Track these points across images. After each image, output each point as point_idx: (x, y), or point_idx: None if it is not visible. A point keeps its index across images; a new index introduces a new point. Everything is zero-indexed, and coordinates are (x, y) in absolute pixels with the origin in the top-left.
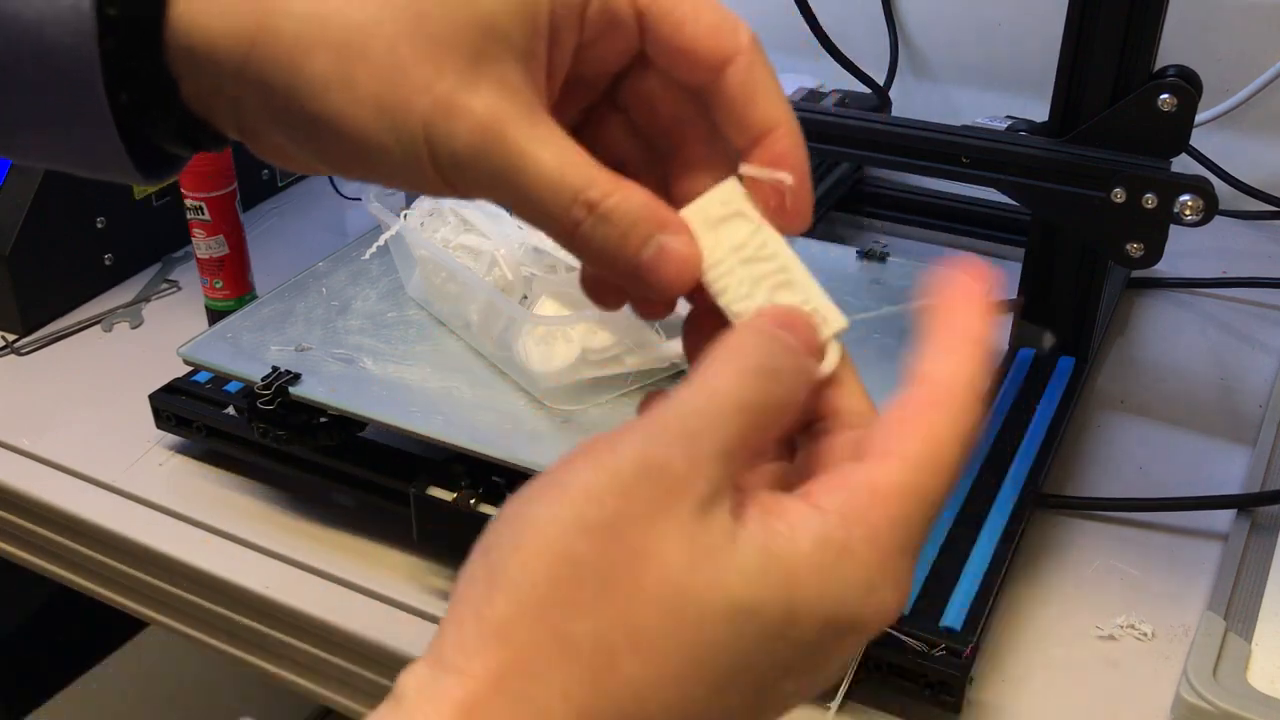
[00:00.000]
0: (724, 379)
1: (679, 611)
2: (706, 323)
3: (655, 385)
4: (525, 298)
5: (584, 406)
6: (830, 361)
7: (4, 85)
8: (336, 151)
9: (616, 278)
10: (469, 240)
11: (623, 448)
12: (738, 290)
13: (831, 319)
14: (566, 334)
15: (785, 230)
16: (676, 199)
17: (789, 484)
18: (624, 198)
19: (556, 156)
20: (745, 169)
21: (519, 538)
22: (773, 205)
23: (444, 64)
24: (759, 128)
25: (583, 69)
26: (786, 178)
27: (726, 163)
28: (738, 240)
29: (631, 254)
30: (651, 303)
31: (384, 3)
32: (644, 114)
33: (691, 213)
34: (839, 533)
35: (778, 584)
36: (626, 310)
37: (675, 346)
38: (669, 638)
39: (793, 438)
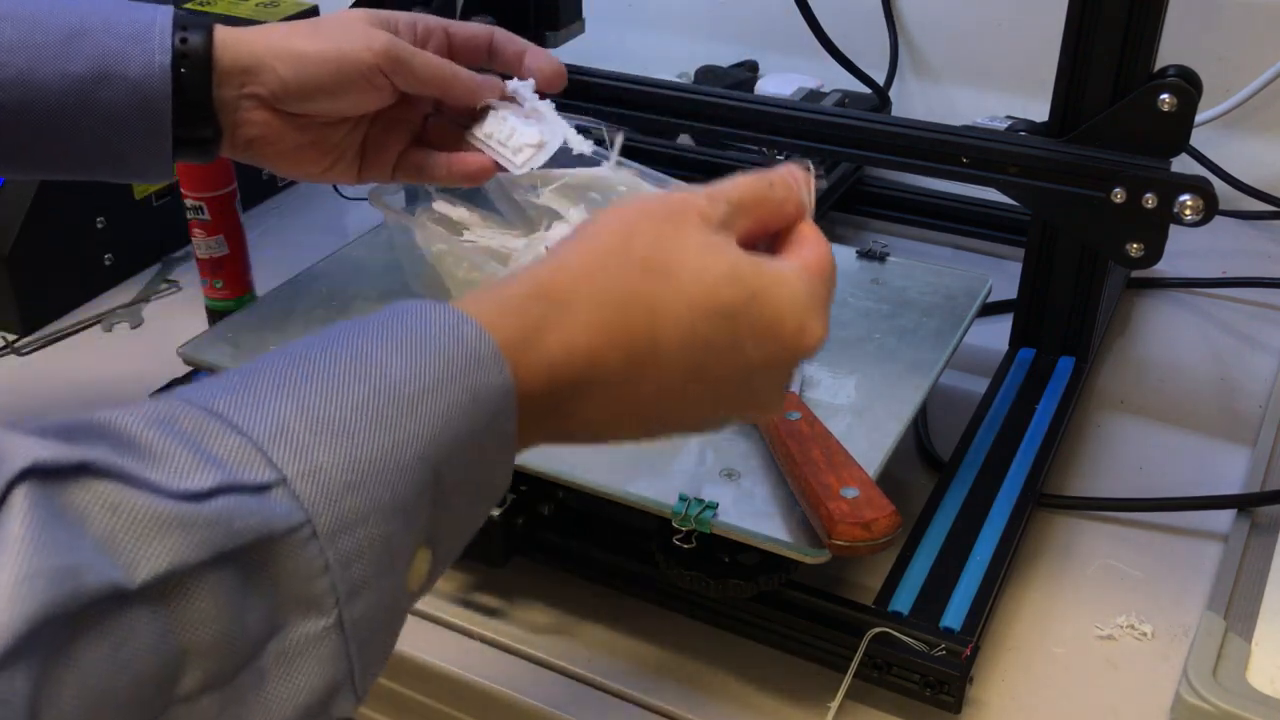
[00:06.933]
0: (735, 181)
1: (688, 263)
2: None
3: None
4: None
5: None
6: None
7: (105, 118)
8: (311, 88)
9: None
10: (491, 240)
11: (668, 195)
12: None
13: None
14: None
15: (550, 83)
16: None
17: None
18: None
19: (424, 54)
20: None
21: (579, 234)
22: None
23: (358, 24)
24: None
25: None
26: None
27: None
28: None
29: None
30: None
31: (322, 18)
32: None
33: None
34: (789, 268)
35: (754, 273)
36: None
37: None
38: (683, 271)
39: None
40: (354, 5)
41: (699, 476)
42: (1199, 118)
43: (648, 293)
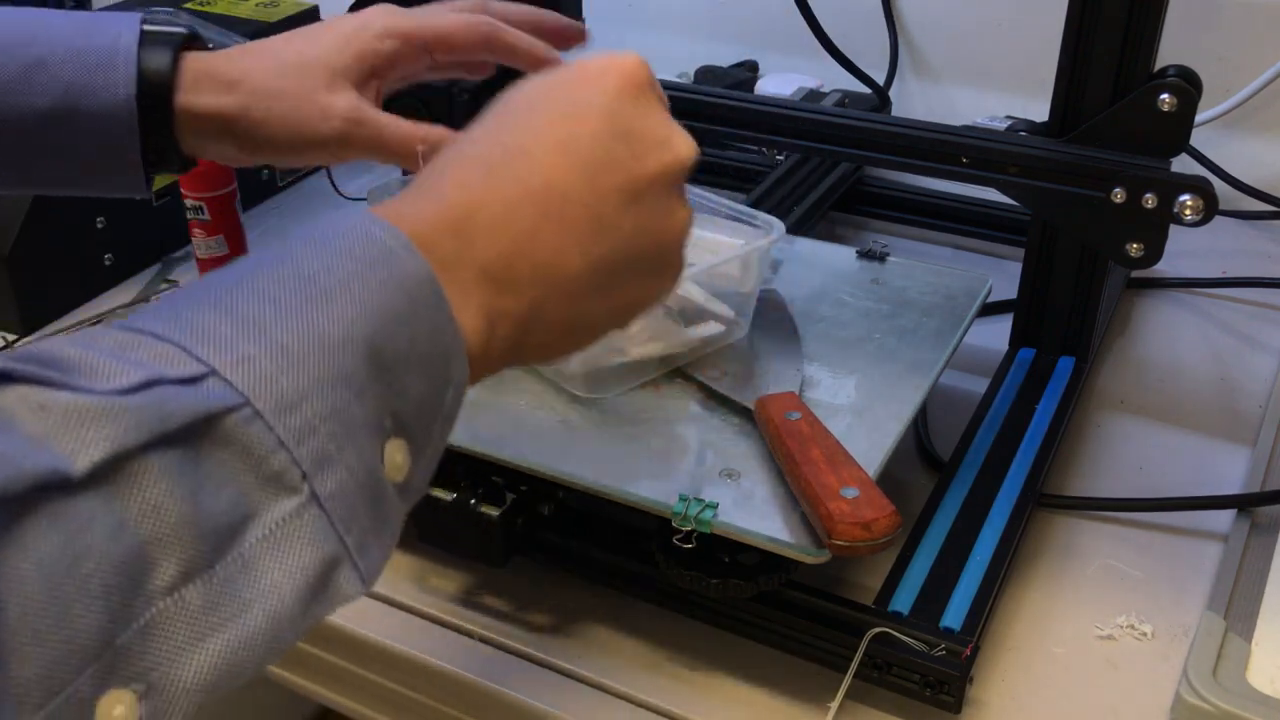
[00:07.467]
0: None
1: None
2: None
3: (675, 372)
4: None
5: (610, 394)
6: None
7: (71, 149)
8: (269, 151)
9: None
10: None
11: None
12: None
13: None
14: None
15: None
16: None
17: None
18: (440, 134)
19: (392, 120)
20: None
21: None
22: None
23: (318, 92)
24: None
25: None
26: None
27: None
28: None
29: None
30: None
31: (283, 70)
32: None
33: None
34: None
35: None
36: None
37: (695, 333)
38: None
39: None
40: (353, 7)
41: (699, 476)
42: (1199, 118)
43: (495, 132)
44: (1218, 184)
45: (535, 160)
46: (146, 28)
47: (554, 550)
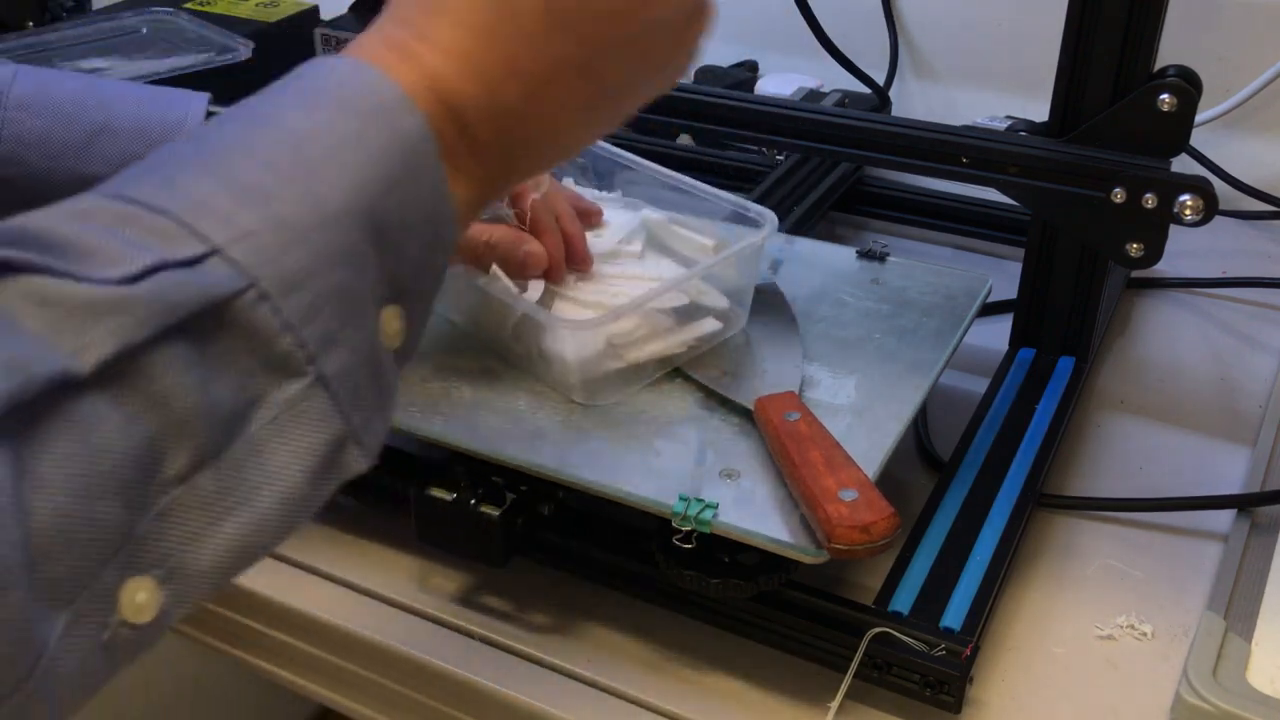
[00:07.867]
0: None
1: None
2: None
3: (675, 372)
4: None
5: (609, 400)
6: None
7: None
8: None
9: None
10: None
11: None
12: None
13: None
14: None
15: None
16: None
17: None
18: (502, 234)
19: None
20: None
21: None
22: None
23: None
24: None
25: None
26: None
27: None
28: None
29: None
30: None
31: None
32: None
33: None
34: None
35: None
36: (645, 307)
37: (692, 331)
38: None
39: None
40: (353, 8)
41: (699, 476)
42: (1199, 118)
43: None
44: (1218, 184)
45: (532, 41)
46: (212, 108)
47: (554, 550)
